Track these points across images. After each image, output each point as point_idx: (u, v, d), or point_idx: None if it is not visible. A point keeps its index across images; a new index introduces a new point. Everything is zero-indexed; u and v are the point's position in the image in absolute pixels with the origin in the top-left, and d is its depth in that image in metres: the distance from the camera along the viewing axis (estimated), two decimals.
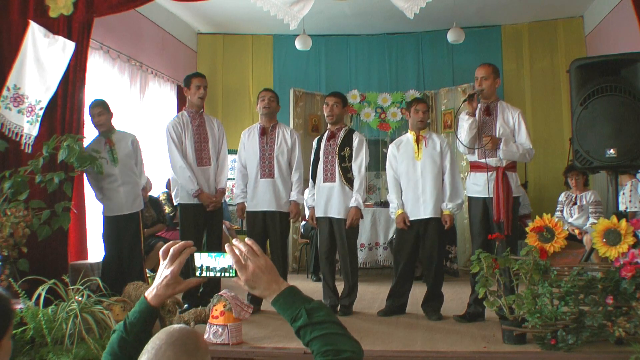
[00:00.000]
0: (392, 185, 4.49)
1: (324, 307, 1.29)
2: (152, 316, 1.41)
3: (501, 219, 3.93)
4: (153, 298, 1.41)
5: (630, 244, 3.19)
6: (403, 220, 4.33)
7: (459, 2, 6.44)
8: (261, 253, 1.33)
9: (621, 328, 3.00)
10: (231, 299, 3.41)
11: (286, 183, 4.59)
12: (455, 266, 6.36)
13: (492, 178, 4.02)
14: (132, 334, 1.38)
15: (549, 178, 7.22)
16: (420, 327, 3.93)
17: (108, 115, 4.67)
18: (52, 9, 4.47)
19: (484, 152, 4.04)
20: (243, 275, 1.30)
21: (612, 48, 5.94)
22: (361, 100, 7.56)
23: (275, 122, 4.70)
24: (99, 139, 4.67)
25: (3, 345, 1.18)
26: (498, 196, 3.97)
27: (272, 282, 1.30)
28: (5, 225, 3.76)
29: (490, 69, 4.16)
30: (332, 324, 1.26)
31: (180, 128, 4.51)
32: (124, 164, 4.65)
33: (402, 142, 4.53)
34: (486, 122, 4.13)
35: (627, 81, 3.55)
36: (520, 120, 4.10)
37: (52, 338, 3.13)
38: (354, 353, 1.23)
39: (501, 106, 4.17)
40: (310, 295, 1.32)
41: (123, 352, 1.37)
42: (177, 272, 1.40)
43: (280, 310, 1.30)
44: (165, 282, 1.40)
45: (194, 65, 7.82)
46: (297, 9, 4.73)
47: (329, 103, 4.54)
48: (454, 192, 4.32)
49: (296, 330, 1.27)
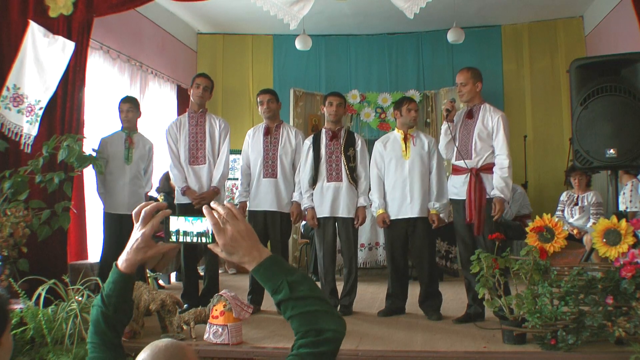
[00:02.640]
0: (375, 184, 4.47)
1: (307, 281, 1.23)
2: (127, 284, 1.35)
3: (472, 220, 3.94)
4: (124, 264, 1.34)
5: (630, 244, 3.18)
6: (383, 220, 4.35)
7: (459, 2, 6.45)
8: (241, 218, 1.25)
9: (621, 328, 3.00)
10: (231, 299, 3.41)
11: (289, 184, 4.58)
12: (455, 266, 6.36)
13: (466, 180, 4.04)
14: (111, 306, 1.33)
15: (549, 178, 7.22)
16: (420, 327, 3.93)
17: (136, 113, 4.81)
18: (52, 8, 4.47)
19: (460, 154, 4.07)
20: (221, 239, 1.22)
21: (612, 48, 5.94)
22: (361, 100, 7.57)
23: (279, 121, 4.70)
24: (120, 133, 4.77)
25: (3, 342, 1.18)
26: (470, 197, 3.97)
27: (252, 248, 1.23)
28: (5, 225, 3.76)
29: (468, 74, 4.16)
30: (315, 299, 1.21)
31: (176, 129, 4.60)
32: (136, 165, 4.74)
33: (389, 140, 4.52)
34: (467, 125, 4.15)
35: (627, 81, 3.55)
36: (499, 124, 4.02)
37: (52, 338, 3.13)
38: (336, 332, 1.19)
39: (483, 109, 4.14)
40: None
41: (108, 326, 1.32)
42: (149, 235, 1.32)
43: (261, 280, 1.24)
44: (136, 246, 1.32)
45: (194, 65, 7.83)
46: (297, 9, 4.73)
47: (333, 103, 4.52)
48: (440, 192, 4.33)
49: (277, 302, 1.22)
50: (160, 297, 3.58)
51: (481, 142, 4.05)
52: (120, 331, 1.36)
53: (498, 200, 3.94)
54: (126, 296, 1.36)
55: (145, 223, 1.33)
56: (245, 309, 3.42)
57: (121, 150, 4.68)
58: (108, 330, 1.33)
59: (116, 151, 4.69)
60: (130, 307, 1.36)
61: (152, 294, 3.62)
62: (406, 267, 4.50)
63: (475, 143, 4.05)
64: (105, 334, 1.33)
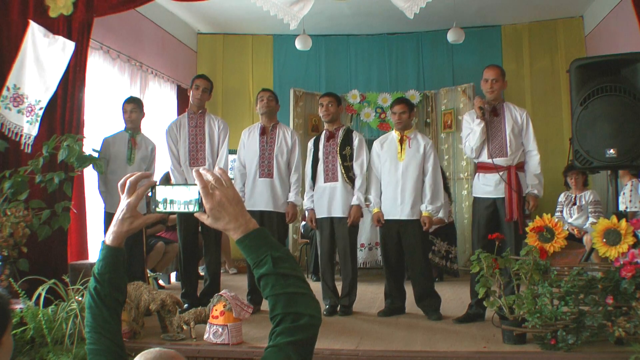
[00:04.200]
0: (372, 183, 4.50)
1: (290, 259, 1.22)
2: (117, 258, 1.33)
3: (514, 218, 3.95)
4: (111, 237, 1.33)
5: (630, 244, 3.19)
6: (377, 219, 4.38)
7: (459, 2, 6.44)
8: (230, 184, 1.24)
9: (621, 328, 3.00)
10: (231, 299, 3.41)
11: (284, 184, 4.59)
12: (455, 266, 6.36)
13: (503, 178, 4.02)
14: (105, 282, 1.31)
15: (549, 178, 7.16)
16: (420, 327, 3.93)
17: (140, 114, 4.85)
18: (52, 8, 4.47)
19: (491, 152, 4.05)
20: (208, 203, 1.20)
21: (612, 48, 5.94)
22: (361, 100, 7.56)
23: (275, 121, 4.71)
24: (123, 133, 4.80)
25: (3, 342, 1.18)
26: (511, 196, 3.97)
27: (238, 215, 1.22)
28: (5, 225, 3.76)
29: (499, 71, 4.17)
30: (296, 279, 1.20)
31: (176, 129, 4.62)
32: (138, 166, 4.76)
33: (387, 140, 4.53)
34: (494, 123, 4.13)
35: (627, 81, 3.55)
36: (528, 120, 4.12)
37: (52, 338, 3.13)
38: (312, 318, 1.18)
39: (507, 107, 4.18)
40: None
41: (104, 303, 1.31)
42: (134, 205, 1.31)
43: (244, 251, 1.22)
44: (122, 216, 1.31)
45: (194, 65, 7.83)
46: (297, 9, 4.73)
47: (324, 103, 4.57)
48: (435, 195, 4.32)
49: (257, 277, 1.21)
50: (160, 297, 3.58)
51: (515, 140, 4.06)
52: (118, 311, 1.34)
53: (533, 197, 4.01)
54: (119, 270, 1.34)
55: (130, 193, 1.32)
56: (245, 309, 3.42)
57: (124, 150, 4.70)
58: (104, 308, 1.31)
59: (119, 151, 4.71)
60: (125, 284, 1.34)
61: (152, 294, 3.63)
62: (401, 266, 4.49)
63: (510, 141, 4.05)
64: (102, 314, 1.30)
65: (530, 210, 4.06)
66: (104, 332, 1.31)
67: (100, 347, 1.30)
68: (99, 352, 1.30)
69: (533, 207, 4.03)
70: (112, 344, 1.31)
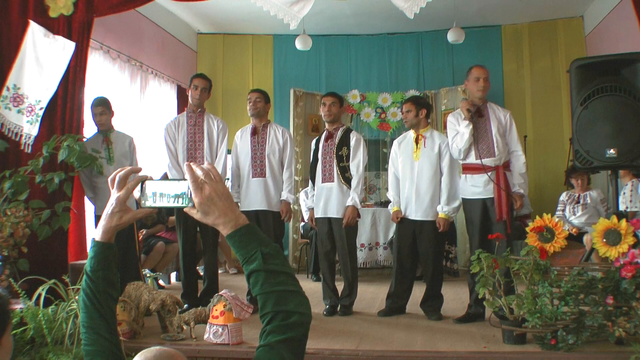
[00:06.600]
0: (391, 182, 4.53)
1: (280, 255, 1.22)
2: (107, 253, 1.32)
3: (503, 218, 3.95)
4: (100, 231, 1.32)
5: (630, 244, 3.19)
6: (397, 216, 4.39)
7: (459, 2, 6.45)
8: (220, 179, 1.24)
9: (621, 328, 3.00)
10: (231, 299, 3.41)
11: (278, 182, 4.59)
12: (455, 266, 6.36)
13: (491, 178, 4.03)
14: (99, 280, 1.30)
15: (549, 178, 7.22)
16: (420, 327, 3.93)
17: (109, 115, 4.75)
18: (52, 8, 4.47)
19: (480, 153, 4.06)
20: (197, 197, 1.20)
21: (612, 48, 5.94)
22: (361, 100, 7.56)
23: (266, 121, 4.71)
24: (97, 135, 4.73)
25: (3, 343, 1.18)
26: (500, 195, 3.98)
27: (227, 209, 1.21)
28: (5, 225, 3.76)
29: (487, 71, 4.24)
30: (286, 276, 1.20)
31: (174, 128, 4.60)
32: (120, 163, 4.67)
33: (405, 139, 4.53)
34: (480, 124, 4.15)
35: (627, 81, 3.55)
36: (511, 121, 4.17)
37: (52, 338, 3.13)
38: (303, 315, 1.18)
39: (491, 107, 4.21)
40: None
41: (97, 299, 1.30)
42: (124, 199, 1.30)
43: (234, 247, 1.22)
44: (111, 211, 1.30)
45: (194, 65, 7.83)
46: (297, 9, 4.73)
47: (327, 103, 4.57)
48: (452, 195, 4.28)
49: (247, 273, 1.20)
50: (160, 297, 3.58)
51: (501, 140, 4.09)
52: (112, 308, 1.33)
53: (519, 196, 4.04)
54: (111, 266, 1.33)
55: (120, 188, 1.31)
56: (245, 309, 3.42)
57: (101, 152, 4.60)
58: (99, 306, 1.30)
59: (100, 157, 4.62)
60: (117, 280, 1.33)
61: (152, 294, 3.63)
62: (413, 266, 4.48)
63: (497, 141, 4.07)
64: (97, 312, 1.30)
65: (517, 208, 4.12)
66: (100, 330, 1.30)
67: (97, 348, 1.29)
68: (96, 354, 1.29)
69: (520, 207, 4.09)
70: (108, 344, 1.30)
